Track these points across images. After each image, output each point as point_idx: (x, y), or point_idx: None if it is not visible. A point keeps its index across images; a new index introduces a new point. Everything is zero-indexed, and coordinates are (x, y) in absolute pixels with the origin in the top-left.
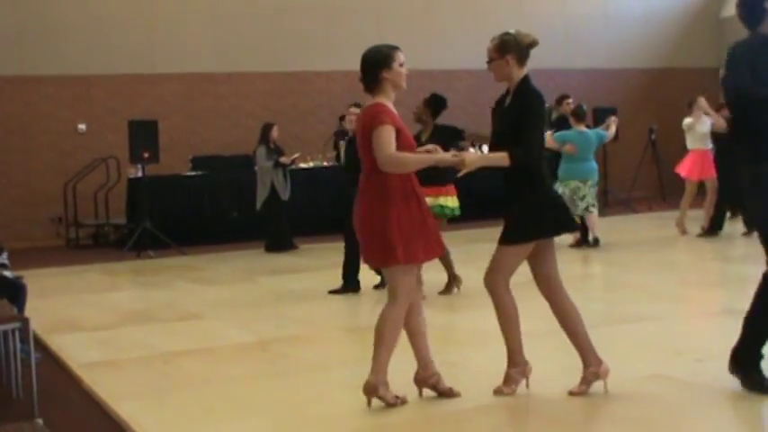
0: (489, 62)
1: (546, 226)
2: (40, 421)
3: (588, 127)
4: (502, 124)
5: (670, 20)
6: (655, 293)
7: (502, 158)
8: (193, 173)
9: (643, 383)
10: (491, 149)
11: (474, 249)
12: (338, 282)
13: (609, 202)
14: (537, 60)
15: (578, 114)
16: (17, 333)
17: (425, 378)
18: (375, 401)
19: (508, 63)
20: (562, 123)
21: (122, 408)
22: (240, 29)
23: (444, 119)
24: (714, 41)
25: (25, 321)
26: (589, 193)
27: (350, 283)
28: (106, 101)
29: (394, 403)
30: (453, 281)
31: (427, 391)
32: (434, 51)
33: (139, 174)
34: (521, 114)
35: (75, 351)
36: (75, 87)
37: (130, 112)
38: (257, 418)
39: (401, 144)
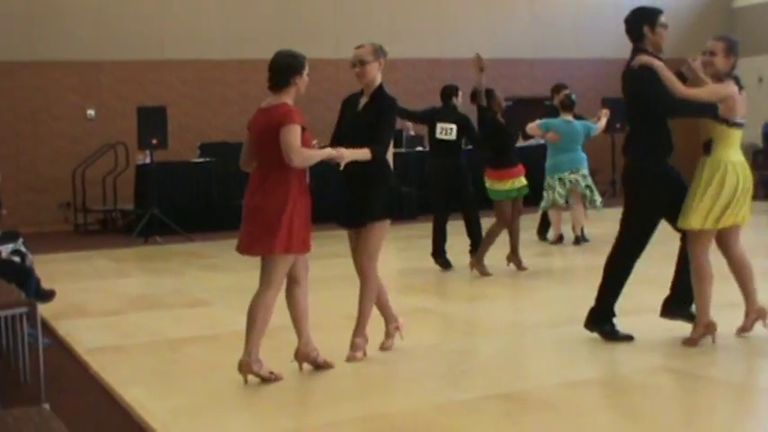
0: (362, 64)
1: (393, 209)
2: (46, 406)
3: (576, 117)
4: (359, 123)
5: (681, 9)
6: (662, 285)
7: (365, 153)
8: (202, 159)
9: (650, 375)
10: (336, 144)
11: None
12: (345, 269)
13: (616, 193)
14: (547, 50)
15: (565, 104)
16: (24, 318)
17: (307, 353)
18: (251, 378)
19: (379, 66)
20: (555, 112)
21: (129, 393)
22: (250, 16)
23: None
24: (725, 32)
25: (33, 306)
26: (588, 181)
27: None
28: (115, 87)
29: (269, 378)
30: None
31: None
32: (444, 40)
33: (148, 160)
34: (379, 115)
35: (83, 336)
36: (84, 73)
37: (139, 98)
38: (263, 404)
39: (303, 142)
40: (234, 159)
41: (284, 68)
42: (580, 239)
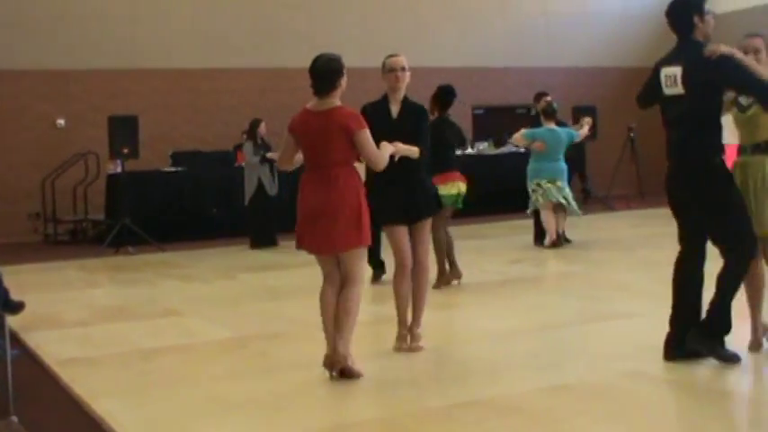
0: (404, 70)
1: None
2: (14, 419)
3: (559, 124)
4: (400, 130)
5: (649, 18)
6: (633, 291)
7: (415, 151)
8: (173, 168)
9: (621, 379)
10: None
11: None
12: (317, 279)
13: (588, 201)
14: (519, 58)
15: (548, 112)
16: None
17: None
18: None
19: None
20: (538, 120)
21: (100, 405)
22: (221, 25)
23: None
24: None
25: (1, 317)
26: (565, 192)
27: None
28: (86, 96)
29: (356, 375)
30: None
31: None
32: (417, 48)
33: (119, 169)
34: (418, 120)
35: (53, 348)
36: (54, 82)
37: (110, 107)
38: (236, 415)
39: None
40: (206, 168)
41: (330, 72)
42: (562, 239)
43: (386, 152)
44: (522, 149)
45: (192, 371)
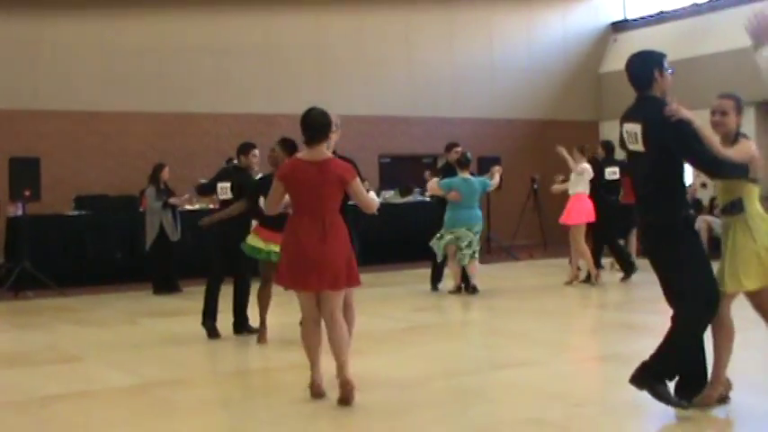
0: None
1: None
2: None
3: (473, 174)
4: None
5: (552, 73)
6: (535, 339)
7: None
8: (76, 212)
9: (521, 427)
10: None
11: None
12: (220, 325)
13: (492, 250)
14: (425, 109)
15: (462, 162)
16: None
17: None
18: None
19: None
20: (449, 170)
21: None
22: (127, 68)
23: None
24: (594, 95)
25: None
26: (474, 240)
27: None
28: None
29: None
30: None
31: None
32: (325, 97)
33: (19, 212)
34: None
35: None
36: None
37: (11, 148)
38: None
39: None
40: (109, 213)
41: (324, 125)
42: (477, 288)
43: (376, 199)
44: (429, 199)
45: (91, 418)
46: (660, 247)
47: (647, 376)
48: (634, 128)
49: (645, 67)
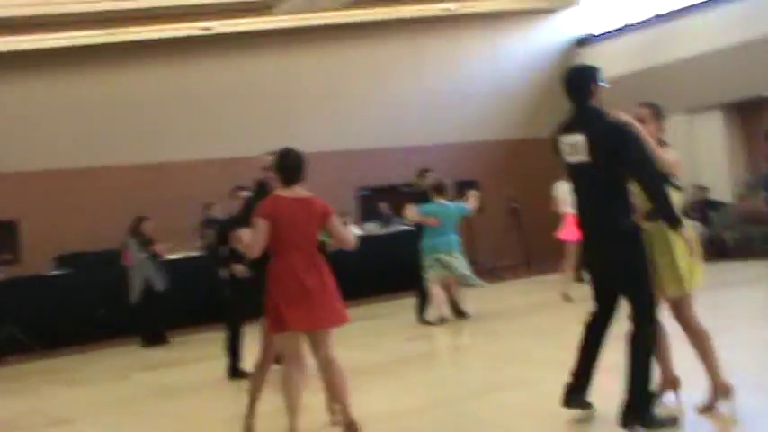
0: None
1: None
2: None
3: (449, 200)
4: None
5: (520, 92)
6: (530, 359)
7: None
8: (57, 272)
9: None
10: None
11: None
12: (213, 373)
13: (477, 272)
14: (396, 138)
15: (438, 188)
16: None
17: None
18: None
19: None
20: (423, 197)
21: None
22: (96, 123)
23: None
24: (564, 111)
25: None
26: (461, 264)
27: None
28: None
29: None
30: None
31: None
32: (293, 133)
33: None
34: None
35: None
36: None
37: None
38: None
39: None
40: (91, 270)
41: (301, 166)
42: (462, 312)
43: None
44: (412, 227)
45: None
46: (608, 256)
47: (635, 415)
48: (576, 139)
49: (583, 80)
